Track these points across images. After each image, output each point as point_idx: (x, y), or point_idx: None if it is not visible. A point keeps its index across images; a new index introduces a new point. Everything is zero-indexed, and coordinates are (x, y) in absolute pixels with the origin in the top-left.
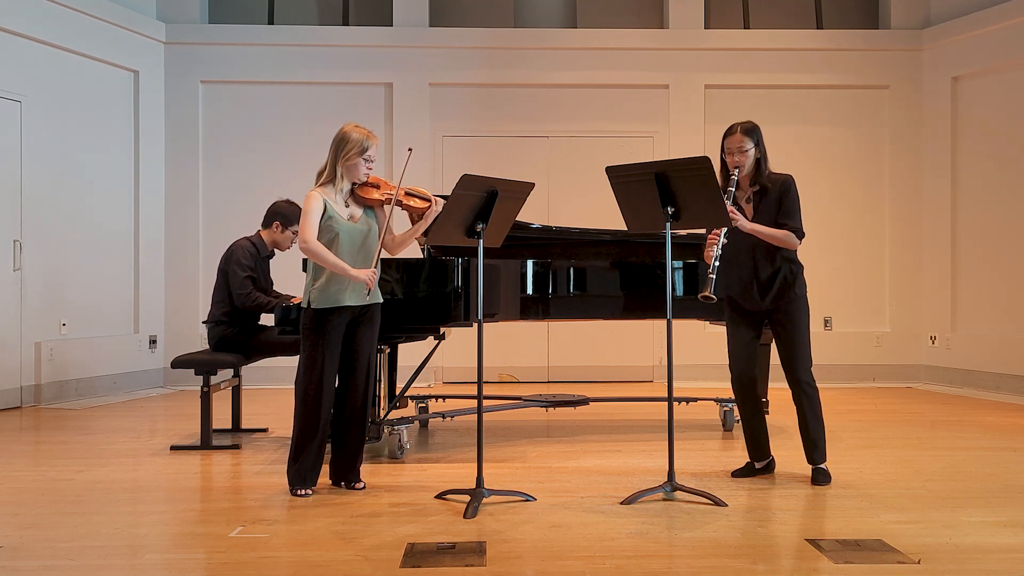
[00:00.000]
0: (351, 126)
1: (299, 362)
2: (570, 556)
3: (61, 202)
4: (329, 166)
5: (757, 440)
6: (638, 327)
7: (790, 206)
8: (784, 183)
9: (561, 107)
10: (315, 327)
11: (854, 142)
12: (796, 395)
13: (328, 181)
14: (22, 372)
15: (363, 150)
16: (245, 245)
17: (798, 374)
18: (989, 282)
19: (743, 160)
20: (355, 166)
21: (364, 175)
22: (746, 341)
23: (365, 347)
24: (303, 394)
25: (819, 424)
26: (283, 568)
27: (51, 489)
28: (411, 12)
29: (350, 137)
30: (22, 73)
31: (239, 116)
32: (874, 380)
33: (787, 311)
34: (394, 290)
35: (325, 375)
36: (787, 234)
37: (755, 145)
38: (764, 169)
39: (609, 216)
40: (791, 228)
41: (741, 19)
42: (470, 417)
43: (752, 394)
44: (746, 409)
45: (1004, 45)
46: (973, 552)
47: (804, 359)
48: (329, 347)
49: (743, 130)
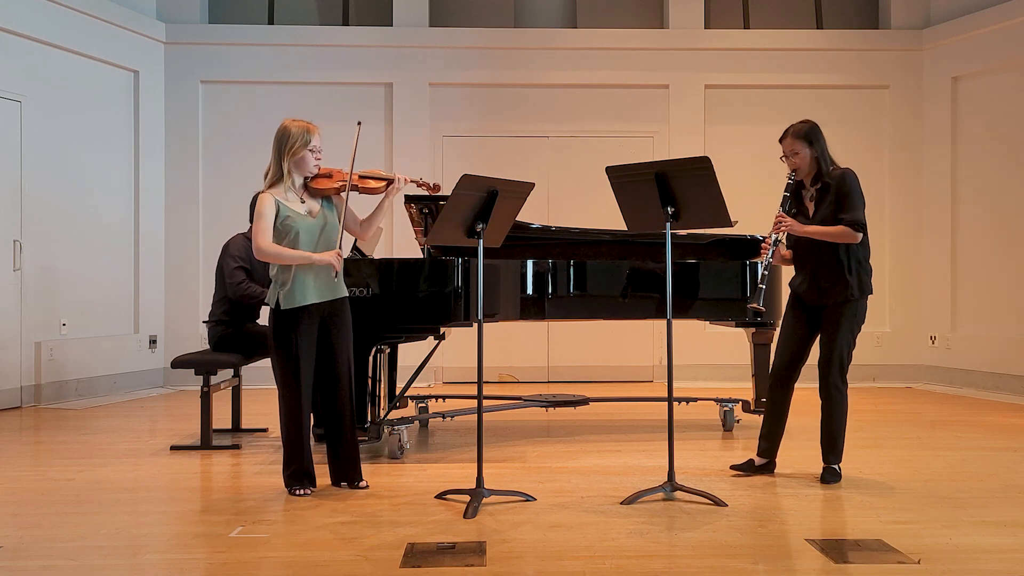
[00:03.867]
0: (289, 120)
1: (274, 369)
2: (570, 556)
3: (61, 202)
4: (274, 165)
5: (771, 437)
6: (638, 327)
7: (843, 199)
8: (840, 177)
9: (561, 107)
10: (286, 330)
11: (854, 142)
12: (824, 394)
13: (276, 181)
14: (22, 372)
15: (307, 142)
16: (239, 240)
17: (830, 376)
18: (989, 282)
19: (797, 163)
20: (303, 159)
21: (314, 167)
22: (798, 336)
23: (343, 348)
24: (283, 400)
25: (841, 427)
26: (283, 568)
27: (51, 489)
28: (411, 12)
29: (290, 131)
30: (22, 73)
31: (239, 116)
32: (874, 380)
33: (838, 311)
34: (395, 289)
35: (302, 377)
36: (842, 229)
37: (810, 145)
38: (824, 167)
39: (609, 216)
40: (847, 222)
41: (741, 19)
42: (470, 417)
43: (786, 390)
44: (773, 403)
45: (1004, 45)
46: (973, 552)
47: (841, 362)
48: (303, 349)
49: (794, 134)
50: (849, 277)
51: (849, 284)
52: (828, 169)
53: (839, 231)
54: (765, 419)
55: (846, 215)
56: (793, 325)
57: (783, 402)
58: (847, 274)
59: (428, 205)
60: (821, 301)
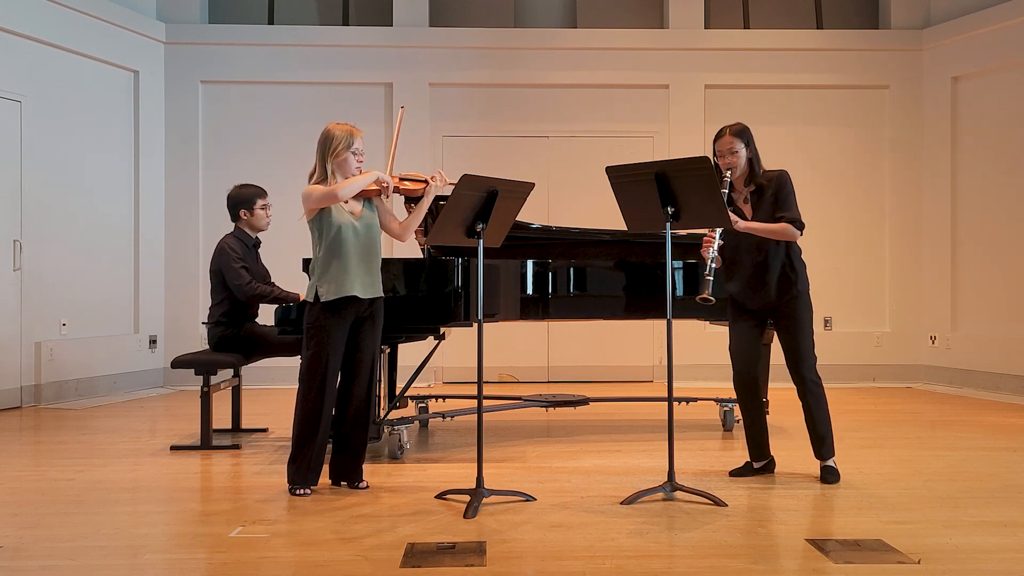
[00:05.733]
0: (333, 124)
1: (302, 361)
2: (570, 556)
3: (61, 202)
4: (319, 166)
5: (757, 440)
6: (638, 327)
7: (785, 199)
8: (778, 178)
9: (561, 107)
10: (321, 324)
11: (854, 142)
12: (801, 392)
13: (320, 181)
14: (22, 372)
15: (349, 145)
16: (229, 241)
17: (802, 371)
18: (989, 282)
19: (734, 161)
20: (345, 161)
21: (356, 169)
22: (749, 340)
23: (368, 347)
24: (304, 394)
25: (825, 420)
26: (283, 568)
27: (51, 489)
28: (411, 12)
29: (334, 134)
30: (22, 73)
31: (239, 116)
32: (874, 380)
33: (789, 308)
34: (395, 289)
35: (328, 375)
36: (784, 227)
37: (746, 146)
38: (758, 168)
39: (609, 216)
40: (788, 219)
41: (741, 19)
42: (470, 417)
43: (754, 394)
44: (747, 409)
45: (1004, 45)
46: (973, 552)
47: (808, 356)
48: (333, 346)
49: (732, 132)
50: (792, 274)
51: (794, 280)
52: (760, 171)
53: (782, 228)
54: (745, 425)
55: (786, 213)
56: (742, 330)
57: (755, 404)
58: (791, 271)
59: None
60: (768, 301)
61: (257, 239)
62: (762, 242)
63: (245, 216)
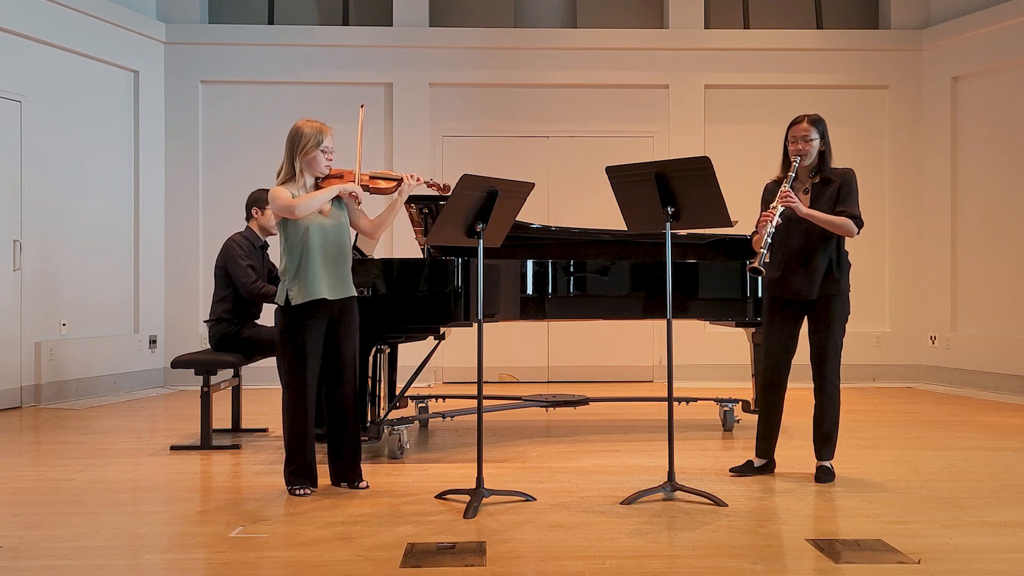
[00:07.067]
0: (303, 121)
1: (280, 368)
2: (570, 556)
3: (61, 202)
4: (287, 164)
5: (768, 437)
6: (638, 327)
7: (849, 195)
8: (846, 174)
9: (561, 107)
10: (295, 328)
11: (854, 142)
12: (819, 390)
13: (288, 180)
14: (22, 372)
15: (319, 143)
16: (238, 239)
17: (826, 370)
18: (989, 282)
19: (807, 148)
20: (314, 159)
21: (325, 167)
22: (786, 335)
23: (348, 348)
24: (289, 398)
25: (835, 422)
26: (283, 568)
27: (51, 489)
28: (411, 12)
29: (304, 131)
30: (22, 73)
31: (239, 116)
32: (874, 380)
33: (828, 305)
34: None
35: (308, 378)
36: (845, 220)
37: (820, 137)
38: (828, 161)
39: (609, 216)
40: (849, 215)
41: (741, 19)
42: (470, 417)
43: (778, 391)
44: (768, 404)
45: (1004, 45)
46: (973, 552)
47: (835, 357)
48: (311, 349)
49: (810, 120)
50: (838, 272)
51: (838, 279)
52: (830, 165)
53: (843, 222)
54: (760, 421)
55: (849, 209)
56: (780, 324)
57: (777, 403)
58: (837, 268)
59: (428, 205)
60: (811, 294)
61: (265, 242)
62: (811, 232)
63: (256, 215)
